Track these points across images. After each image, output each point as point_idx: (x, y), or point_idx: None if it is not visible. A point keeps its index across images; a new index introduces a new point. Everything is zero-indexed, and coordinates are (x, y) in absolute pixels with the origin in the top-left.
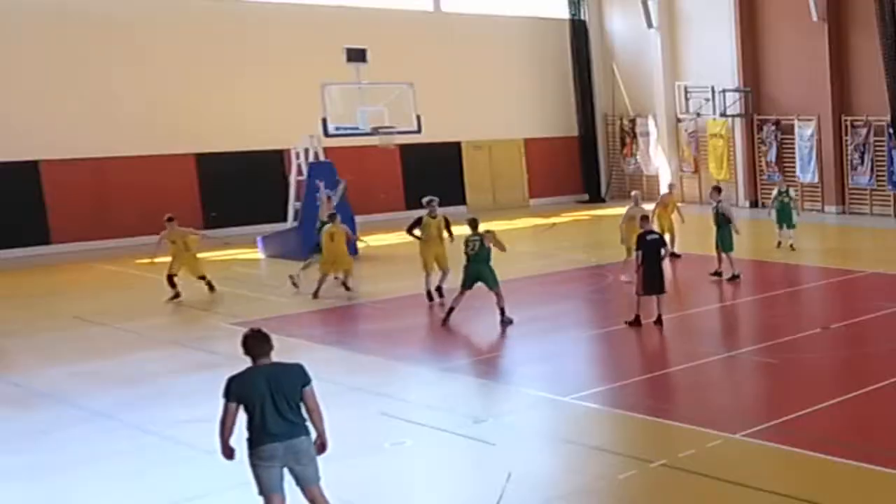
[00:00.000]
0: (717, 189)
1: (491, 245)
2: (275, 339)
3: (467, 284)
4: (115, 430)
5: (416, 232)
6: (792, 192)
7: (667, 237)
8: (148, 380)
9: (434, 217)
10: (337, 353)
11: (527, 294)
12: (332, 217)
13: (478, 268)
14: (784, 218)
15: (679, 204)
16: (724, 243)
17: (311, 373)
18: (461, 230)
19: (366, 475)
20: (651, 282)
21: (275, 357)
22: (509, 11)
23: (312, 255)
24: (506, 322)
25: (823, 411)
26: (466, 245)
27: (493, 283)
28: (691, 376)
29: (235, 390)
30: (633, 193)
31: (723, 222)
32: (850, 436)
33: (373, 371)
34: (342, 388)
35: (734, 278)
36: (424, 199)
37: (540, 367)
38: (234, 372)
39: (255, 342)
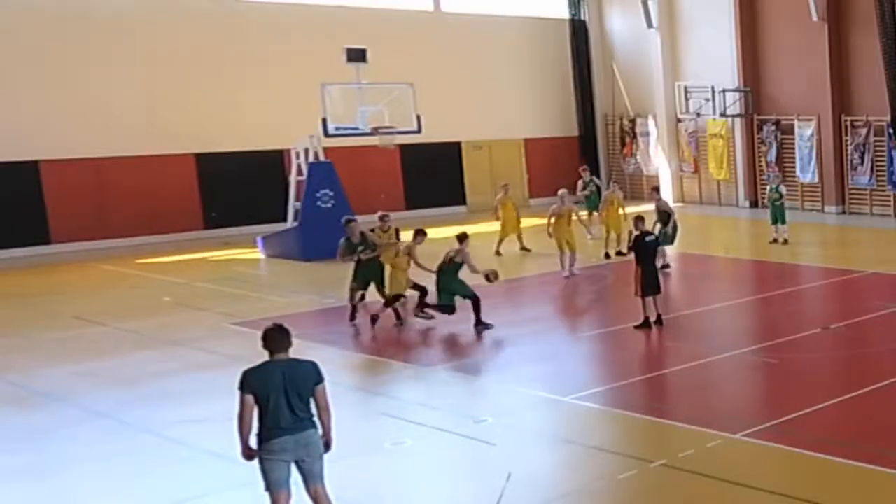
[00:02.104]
0: (657, 189)
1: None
2: None
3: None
4: (115, 430)
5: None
6: (783, 189)
7: (613, 237)
8: (148, 380)
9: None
10: (337, 353)
11: (527, 294)
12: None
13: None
14: (775, 214)
15: (679, 204)
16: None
17: None
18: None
19: (366, 475)
20: (650, 283)
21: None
22: (509, 11)
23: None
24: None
25: (823, 411)
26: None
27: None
28: (691, 376)
29: (251, 382)
30: (559, 192)
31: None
32: (850, 436)
33: (373, 371)
34: (342, 388)
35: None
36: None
37: (540, 367)
38: (245, 368)
39: (276, 337)
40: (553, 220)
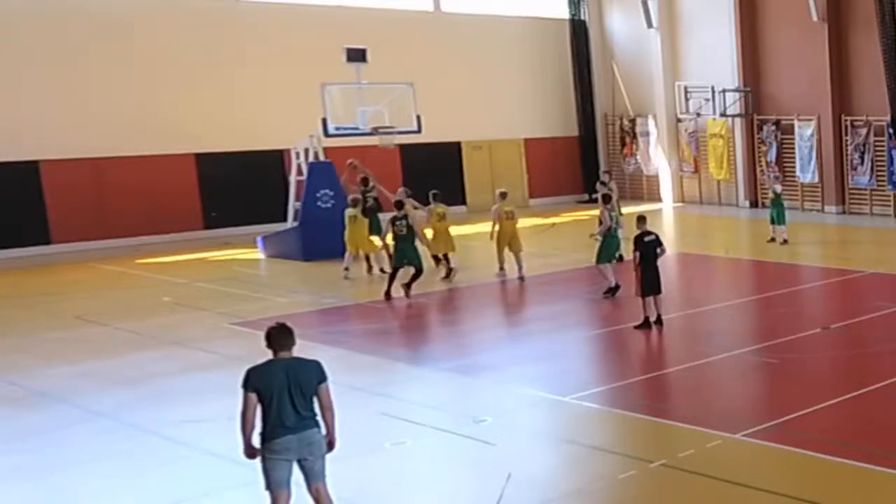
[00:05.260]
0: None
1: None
2: None
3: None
4: (115, 430)
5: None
6: (777, 188)
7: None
8: (148, 380)
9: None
10: (337, 353)
11: (527, 294)
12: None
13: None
14: (773, 214)
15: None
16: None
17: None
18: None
19: (366, 475)
20: (650, 283)
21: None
22: (509, 11)
23: None
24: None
25: (823, 411)
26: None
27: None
28: (691, 376)
29: (254, 381)
30: (498, 192)
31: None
32: (850, 436)
33: (373, 371)
34: (342, 388)
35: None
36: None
37: (540, 367)
38: (249, 366)
39: (279, 335)
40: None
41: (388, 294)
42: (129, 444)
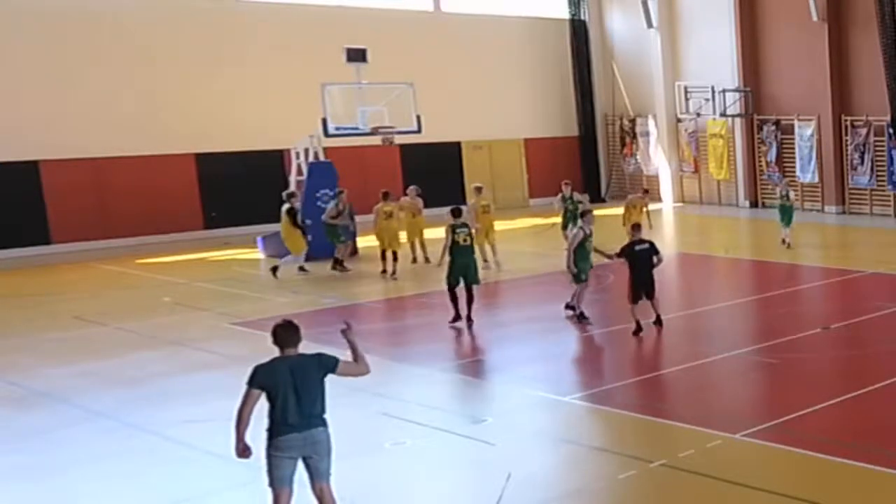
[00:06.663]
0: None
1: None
2: None
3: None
4: (115, 430)
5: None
6: (792, 195)
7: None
8: (148, 380)
9: None
10: (337, 353)
11: (527, 294)
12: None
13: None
14: (783, 217)
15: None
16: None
17: None
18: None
19: (366, 475)
20: (640, 290)
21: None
22: (509, 11)
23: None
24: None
25: (823, 411)
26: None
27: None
28: (691, 376)
29: (260, 378)
30: (473, 186)
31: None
32: (850, 436)
33: (373, 371)
34: (342, 389)
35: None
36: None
37: (540, 367)
38: (257, 363)
39: (285, 332)
40: (471, 216)
41: (457, 318)
42: (129, 444)
